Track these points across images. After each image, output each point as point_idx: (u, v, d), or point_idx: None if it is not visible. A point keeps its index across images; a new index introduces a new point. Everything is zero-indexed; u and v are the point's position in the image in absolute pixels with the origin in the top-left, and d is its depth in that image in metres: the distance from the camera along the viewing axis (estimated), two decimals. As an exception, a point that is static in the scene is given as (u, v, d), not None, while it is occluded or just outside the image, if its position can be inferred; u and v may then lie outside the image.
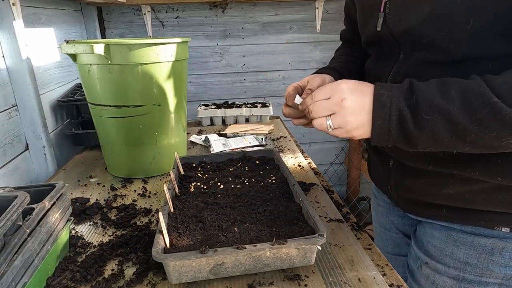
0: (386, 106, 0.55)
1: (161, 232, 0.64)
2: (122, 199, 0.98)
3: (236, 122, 1.66)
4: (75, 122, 1.41)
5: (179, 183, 0.90)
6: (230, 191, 0.84)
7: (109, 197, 0.99)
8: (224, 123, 1.66)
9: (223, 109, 1.64)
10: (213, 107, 1.68)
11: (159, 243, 0.62)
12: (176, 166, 0.93)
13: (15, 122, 1.09)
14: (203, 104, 1.73)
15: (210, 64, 2.08)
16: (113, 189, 1.04)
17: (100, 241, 0.78)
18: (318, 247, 0.63)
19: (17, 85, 1.09)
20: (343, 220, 0.84)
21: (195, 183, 0.89)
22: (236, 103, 1.74)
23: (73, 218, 0.78)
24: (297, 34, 2.08)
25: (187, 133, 1.45)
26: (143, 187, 1.06)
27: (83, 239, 0.79)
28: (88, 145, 1.38)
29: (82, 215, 0.89)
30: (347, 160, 2.36)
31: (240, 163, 1.01)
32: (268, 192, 0.83)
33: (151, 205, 0.95)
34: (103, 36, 1.92)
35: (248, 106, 1.68)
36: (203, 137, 1.43)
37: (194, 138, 1.44)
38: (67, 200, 0.74)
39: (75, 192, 1.03)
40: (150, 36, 1.94)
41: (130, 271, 0.68)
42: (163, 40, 0.98)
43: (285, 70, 2.15)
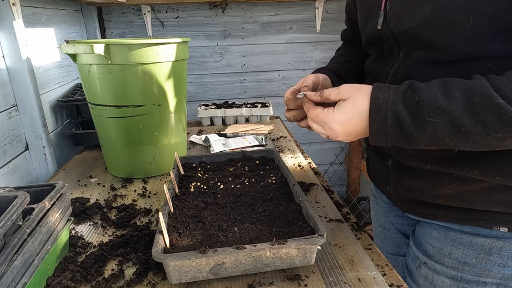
0: (382, 110, 0.56)
1: (161, 232, 0.64)
2: (122, 199, 0.98)
3: (236, 122, 1.66)
4: (75, 122, 1.41)
5: (179, 183, 0.90)
6: (230, 191, 0.84)
7: (109, 197, 0.99)
8: (224, 123, 1.66)
9: (223, 109, 1.64)
10: (213, 107, 1.68)
11: (159, 243, 0.62)
12: (176, 166, 0.94)
13: (15, 122, 1.10)
14: (203, 104, 1.73)
15: (210, 64, 2.08)
16: (113, 189, 1.04)
17: (100, 241, 0.79)
18: (318, 247, 0.63)
19: (17, 85, 1.09)
20: (343, 220, 0.84)
21: (195, 183, 0.89)
22: (236, 103, 1.74)
23: (73, 218, 0.78)
24: (297, 34, 2.08)
25: (187, 133, 1.46)
26: (143, 187, 1.06)
27: (83, 239, 0.79)
28: (88, 145, 1.38)
29: (82, 215, 0.89)
30: (347, 160, 2.36)
31: (240, 163, 1.01)
32: (268, 192, 0.83)
33: (151, 205, 0.95)
34: (103, 36, 1.92)
35: (248, 106, 1.68)
36: (203, 137, 1.43)
37: (194, 138, 1.44)
38: (67, 200, 0.74)
39: (75, 192, 1.03)
40: (150, 36, 1.94)
41: (130, 271, 0.68)
42: (163, 40, 0.98)
43: (285, 70, 2.15)
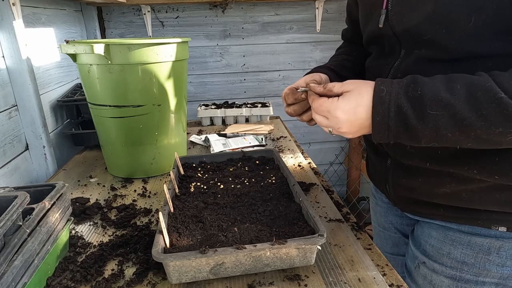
0: (385, 102, 0.56)
1: (161, 232, 0.64)
2: (122, 199, 0.98)
3: (236, 122, 1.66)
4: (75, 122, 1.41)
5: (179, 183, 0.90)
6: (230, 191, 0.84)
7: (109, 197, 0.99)
8: (224, 123, 1.66)
9: (223, 109, 1.64)
10: (213, 107, 1.68)
11: (159, 243, 0.62)
12: (176, 166, 0.94)
13: (15, 122, 1.10)
14: (203, 104, 1.73)
15: (210, 64, 2.08)
16: (113, 189, 1.04)
17: (100, 241, 0.79)
18: (318, 247, 0.63)
19: (17, 85, 1.09)
20: (343, 220, 0.84)
21: (195, 183, 0.89)
22: (236, 103, 1.74)
23: (73, 218, 0.78)
24: (297, 34, 2.08)
25: (187, 133, 1.46)
26: (143, 187, 1.06)
27: (83, 239, 0.79)
28: (88, 145, 1.38)
29: (82, 215, 0.89)
30: (347, 160, 2.36)
31: (240, 163, 1.01)
32: (268, 192, 0.83)
33: (151, 205, 0.95)
34: (103, 36, 1.92)
35: (248, 106, 1.68)
36: (203, 137, 1.43)
37: (194, 138, 1.44)
38: (67, 200, 0.74)
39: (75, 192, 1.03)
40: (150, 36, 1.94)
41: (130, 271, 0.68)
42: (163, 40, 0.98)
43: (285, 70, 2.15)
